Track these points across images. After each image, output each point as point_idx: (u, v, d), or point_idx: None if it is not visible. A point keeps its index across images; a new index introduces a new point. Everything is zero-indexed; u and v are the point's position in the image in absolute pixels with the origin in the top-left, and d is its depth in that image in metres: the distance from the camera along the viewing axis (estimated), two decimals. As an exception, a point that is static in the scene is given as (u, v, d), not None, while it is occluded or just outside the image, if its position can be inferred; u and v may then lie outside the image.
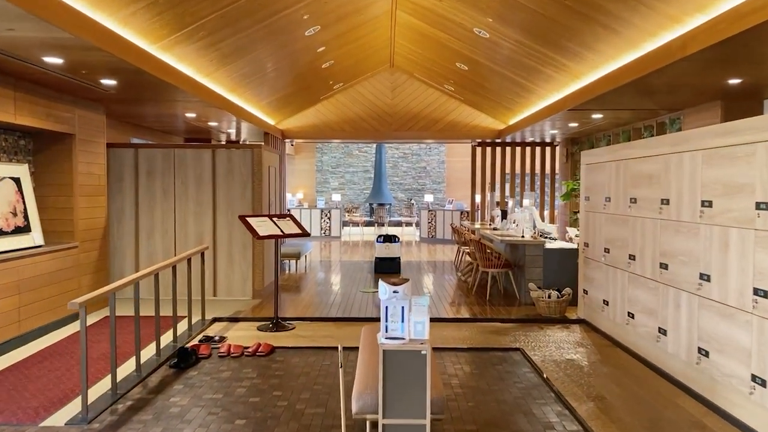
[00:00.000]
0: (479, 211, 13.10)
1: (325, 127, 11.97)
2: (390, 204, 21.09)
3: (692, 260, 4.46)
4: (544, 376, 4.88)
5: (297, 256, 10.57)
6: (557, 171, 12.90)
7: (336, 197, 19.90)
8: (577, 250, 7.74)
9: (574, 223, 11.74)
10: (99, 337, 6.08)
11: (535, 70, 7.68)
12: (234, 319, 6.90)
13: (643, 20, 4.94)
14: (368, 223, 20.15)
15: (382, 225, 19.73)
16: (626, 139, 9.42)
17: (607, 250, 6.18)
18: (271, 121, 11.26)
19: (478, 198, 13.11)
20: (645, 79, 5.70)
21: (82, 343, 3.99)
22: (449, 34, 7.95)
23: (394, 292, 3.07)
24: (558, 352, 5.64)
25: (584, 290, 6.89)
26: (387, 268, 10.42)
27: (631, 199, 5.59)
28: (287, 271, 10.92)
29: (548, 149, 12.89)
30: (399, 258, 10.50)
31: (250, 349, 5.58)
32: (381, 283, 3.10)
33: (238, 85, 8.09)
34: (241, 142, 12.63)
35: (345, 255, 13.58)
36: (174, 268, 5.70)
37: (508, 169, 12.91)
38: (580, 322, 6.86)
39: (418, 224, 19.45)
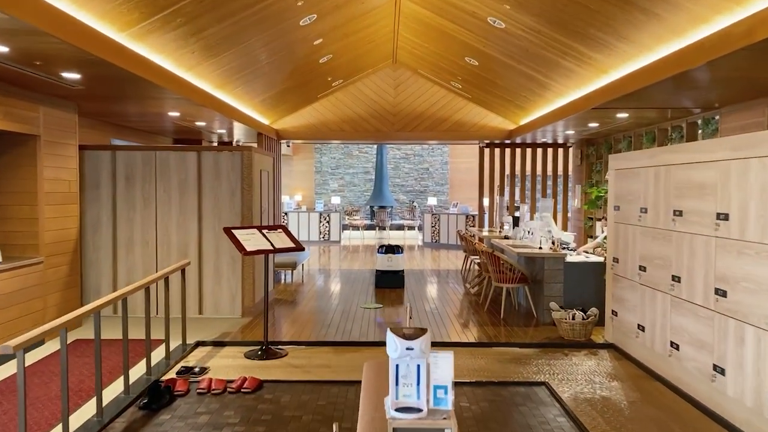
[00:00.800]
0: (487, 215, 12.33)
1: (323, 126, 11.21)
2: (391, 207, 20.33)
3: (762, 289, 3.70)
4: (586, 429, 4.11)
5: (293, 266, 9.81)
6: (570, 174, 12.13)
7: (335, 200, 19.16)
8: (601, 263, 6.98)
9: (591, 230, 10.99)
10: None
11: (555, 65, 6.92)
12: (219, 344, 6.14)
13: (696, 3, 4.18)
14: (369, 227, 19.39)
15: (384, 228, 18.98)
16: (650, 140, 8.66)
17: (642, 268, 5.42)
18: (265, 121, 10.51)
19: (486, 202, 12.34)
20: (690, 74, 4.94)
21: (20, 393, 3.24)
22: (459, 24, 7.19)
23: (408, 349, 2.31)
24: (589, 388, 4.88)
25: (613, 311, 6.13)
26: (389, 283, 9.52)
27: (675, 211, 4.83)
28: (282, 281, 10.17)
29: (561, 151, 12.12)
30: (402, 271, 9.58)
31: (233, 385, 4.82)
32: (390, 336, 2.34)
33: (226, 80, 7.33)
34: (234, 143, 11.87)
35: (344, 262, 12.82)
36: (148, 289, 4.95)
37: (517, 172, 12.14)
38: (608, 347, 6.10)
39: (420, 228, 18.69)
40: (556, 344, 6.17)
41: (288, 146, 11.66)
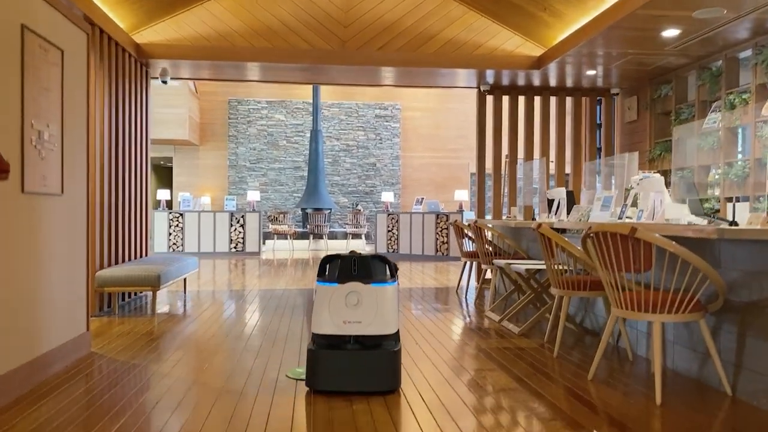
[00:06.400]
0: (492, 199, 7.87)
1: (222, 41, 6.49)
2: (330, 210, 15.59)
3: None
4: None
5: (154, 284, 4.97)
6: (615, 137, 7.91)
7: (253, 195, 14.20)
8: None
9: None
10: None
11: None
12: None
13: None
14: (301, 235, 14.58)
15: (320, 237, 14.23)
16: None
17: None
18: (116, 20, 5.67)
19: (482, 183, 7.90)
20: None
21: None
22: None
23: None
24: None
25: None
26: (352, 380, 2.92)
27: None
28: (147, 314, 5.24)
29: (600, 104, 7.90)
30: (394, 337, 3.02)
31: None
32: None
33: None
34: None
35: (264, 280, 8.01)
36: None
37: (537, 131, 7.78)
38: None
39: (368, 236, 14.12)
40: None
41: (165, 82, 6.81)
